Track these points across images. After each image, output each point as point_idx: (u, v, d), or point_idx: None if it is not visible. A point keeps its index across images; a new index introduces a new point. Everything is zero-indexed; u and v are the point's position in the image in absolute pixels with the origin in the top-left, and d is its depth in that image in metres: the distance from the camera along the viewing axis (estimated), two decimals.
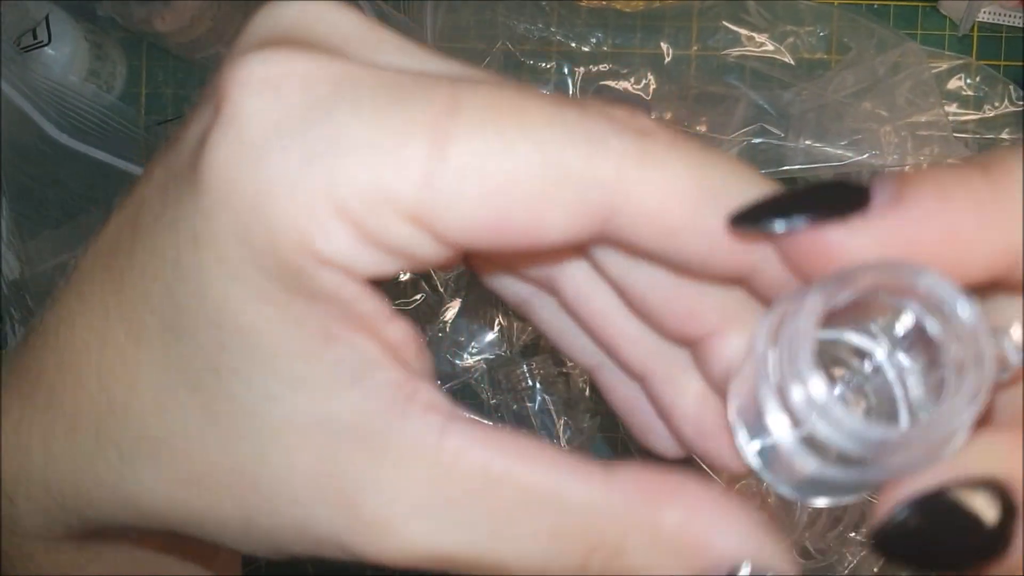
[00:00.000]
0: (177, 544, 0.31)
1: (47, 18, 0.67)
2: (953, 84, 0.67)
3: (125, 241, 0.22)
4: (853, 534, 0.62)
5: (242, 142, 0.19)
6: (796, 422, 0.20)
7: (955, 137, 0.64)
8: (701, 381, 0.25)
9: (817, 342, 0.19)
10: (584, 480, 0.21)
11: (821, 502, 0.22)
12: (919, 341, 0.21)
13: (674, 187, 0.20)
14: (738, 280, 0.22)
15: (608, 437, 0.70)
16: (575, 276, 0.25)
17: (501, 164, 0.19)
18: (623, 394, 0.27)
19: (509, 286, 0.26)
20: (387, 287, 0.22)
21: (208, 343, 0.21)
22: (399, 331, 0.22)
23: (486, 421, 0.21)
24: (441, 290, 0.67)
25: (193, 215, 0.20)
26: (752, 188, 0.20)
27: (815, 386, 0.19)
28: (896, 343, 0.21)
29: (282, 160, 0.19)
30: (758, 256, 0.21)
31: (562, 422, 0.67)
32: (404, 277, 0.66)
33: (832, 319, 0.21)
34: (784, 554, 0.21)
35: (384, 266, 0.20)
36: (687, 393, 0.25)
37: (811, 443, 0.20)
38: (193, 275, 0.20)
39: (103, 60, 0.70)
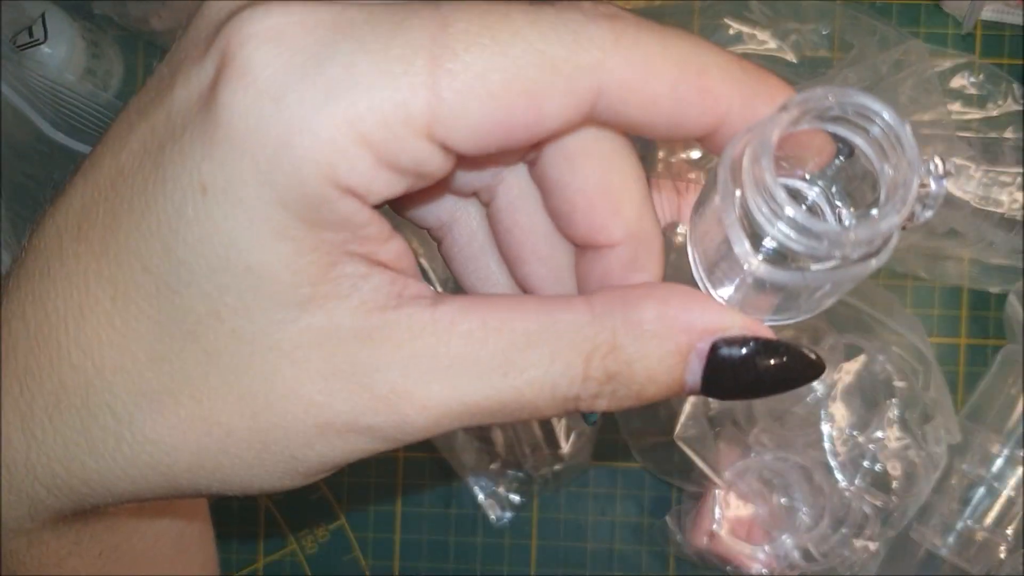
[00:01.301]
0: (163, 509, 0.32)
1: (43, 16, 0.67)
2: (956, 82, 0.67)
3: (102, 211, 0.23)
4: (856, 538, 0.62)
5: (258, 90, 0.21)
6: (761, 238, 0.23)
7: (958, 135, 0.64)
8: None
9: (775, 160, 0.22)
10: (569, 307, 0.24)
11: (781, 319, 0.25)
12: (846, 180, 0.24)
13: (650, 61, 0.22)
14: (705, 134, 0.24)
15: (608, 439, 0.69)
16: (513, 181, 0.28)
17: (498, 66, 0.21)
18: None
19: (432, 210, 0.29)
20: None
21: (210, 289, 0.22)
22: (396, 247, 0.23)
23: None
24: (440, 290, 0.66)
25: (199, 167, 0.21)
26: (709, 54, 0.23)
27: (780, 194, 0.22)
28: (828, 183, 0.25)
29: (300, 100, 0.20)
30: (723, 110, 0.23)
31: (562, 424, 0.67)
32: None
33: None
34: (753, 320, 0.24)
35: (395, 187, 0.22)
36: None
37: (773, 260, 0.23)
38: (197, 226, 0.21)
39: (99, 58, 0.70)
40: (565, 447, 0.67)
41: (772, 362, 0.24)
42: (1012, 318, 0.65)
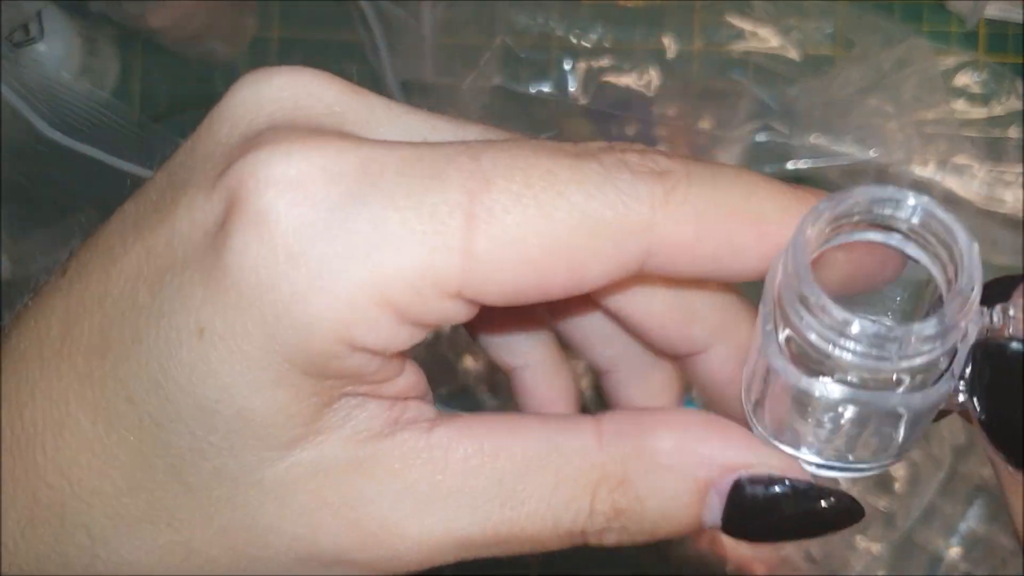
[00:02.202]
0: None
1: (40, 14, 0.67)
2: (960, 80, 0.66)
3: (87, 328, 0.22)
4: (858, 538, 0.62)
5: (274, 243, 0.19)
6: (816, 364, 0.20)
7: (961, 134, 0.64)
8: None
9: (811, 270, 0.20)
10: (574, 430, 0.22)
11: (861, 467, 0.22)
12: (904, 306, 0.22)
13: (703, 218, 0.21)
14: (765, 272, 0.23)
15: None
16: (579, 315, 0.27)
17: (540, 229, 0.20)
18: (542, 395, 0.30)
19: (505, 349, 0.29)
20: None
21: (196, 428, 0.21)
22: (403, 382, 0.22)
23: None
24: None
25: (200, 309, 0.20)
26: (764, 197, 0.22)
27: (833, 310, 0.19)
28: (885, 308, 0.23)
29: (319, 259, 0.19)
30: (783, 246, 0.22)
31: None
32: None
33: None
34: (786, 459, 0.22)
35: (416, 338, 0.21)
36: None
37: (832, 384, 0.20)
38: (189, 368, 0.20)
39: (96, 56, 0.70)
40: None
41: (803, 507, 0.22)
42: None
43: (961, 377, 0.20)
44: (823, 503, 0.22)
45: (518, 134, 0.23)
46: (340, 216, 0.19)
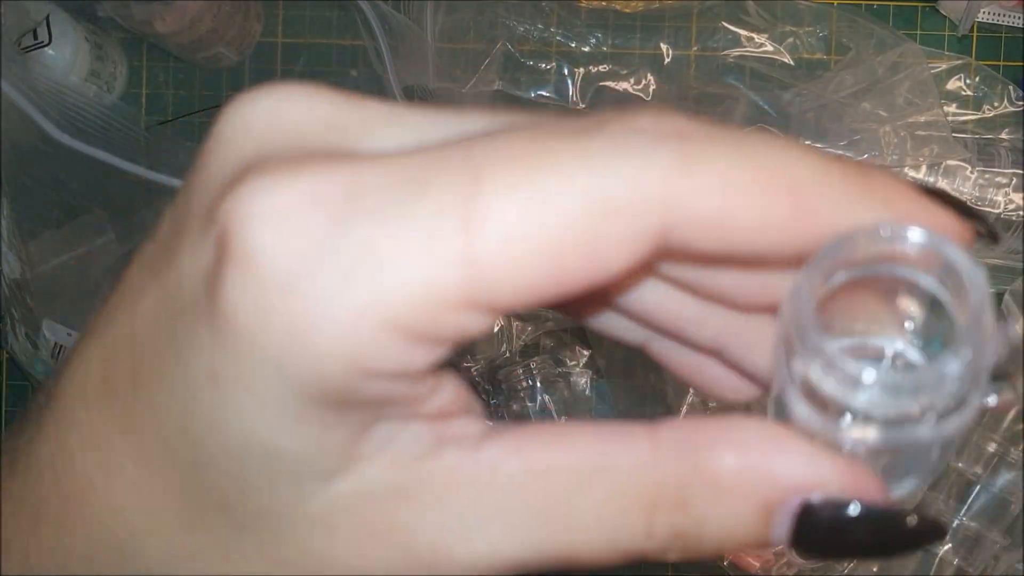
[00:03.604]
0: None
1: (48, 18, 0.67)
2: (952, 84, 0.67)
3: (120, 373, 0.21)
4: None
5: (263, 281, 0.18)
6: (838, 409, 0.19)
7: (954, 137, 0.65)
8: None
9: (816, 315, 0.19)
10: (628, 443, 0.20)
11: (907, 485, 0.21)
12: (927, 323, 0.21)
13: (729, 184, 0.19)
14: (803, 256, 0.21)
15: None
16: (642, 292, 0.24)
17: (543, 219, 0.18)
18: (682, 360, 0.26)
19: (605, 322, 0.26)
20: None
21: (231, 469, 0.20)
22: (443, 396, 0.21)
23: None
24: None
25: (209, 354, 0.19)
26: (799, 163, 0.19)
27: (848, 365, 0.18)
28: (913, 327, 0.21)
29: (312, 289, 0.18)
30: (824, 226, 0.20)
31: (563, 421, 0.67)
32: None
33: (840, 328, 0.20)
34: (860, 476, 0.20)
35: (437, 354, 0.19)
36: (764, 351, 0.24)
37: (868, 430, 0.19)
38: (210, 413, 0.20)
39: (104, 61, 0.70)
40: None
41: (879, 529, 0.20)
42: (1008, 316, 0.65)
43: (997, 378, 0.20)
44: (902, 524, 0.20)
45: (531, 114, 0.21)
46: (330, 242, 0.18)
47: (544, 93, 0.66)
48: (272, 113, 0.20)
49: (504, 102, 0.65)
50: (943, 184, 0.65)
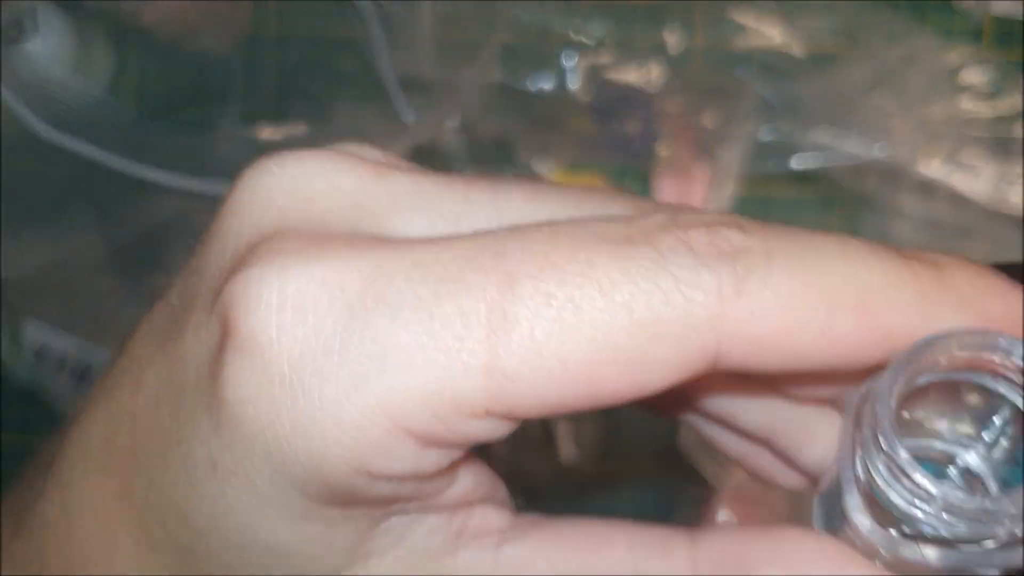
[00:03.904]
0: None
1: (33, 10, 0.66)
2: (966, 77, 0.66)
3: (120, 447, 0.20)
4: None
5: (267, 372, 0.17)
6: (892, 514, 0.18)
7: (967, 130, 0.64)
8: (827, 425, 0.23)
9: (897, 423, 0.18)
10: (666, 556, 0.20)
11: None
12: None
13: (788, 306, 0.18)
14: (872, 367, 0.20)
15: (610, 444, 0.69)
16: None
17: (579, 335, 0.17)
18: (729, 443, 0.25)
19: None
20: None
21: (231, 561, 0.19)
22: (461, 487, 0.20)
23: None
24: None
25: (210, 442, 0.18)
26: (868, 274, 0.18)
27: (917, 475, 0.17)
28: (993, 438, 0.20)
29: (319, 385, 0.17)
30: (897, 337, 0.19)
31: (564, 428, 0.66)
32: None
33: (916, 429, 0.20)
34: None
35: (450, 458, 0.19)
36: (815, 445, 0.23)
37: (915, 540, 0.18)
38: (210, 502, 0.19)
39: (90, 53, 0.69)
40: (566, 454, 0.66)
41: None
42: None
43: None
44: None
45: (576, 194, 0.20)
46: (342, 337, 0.17)
47: (545, 85, 0.65)
48: (294, 184, 0.19)
49: (503, 95, 0.65)
50: (956, 179, 0.64)
